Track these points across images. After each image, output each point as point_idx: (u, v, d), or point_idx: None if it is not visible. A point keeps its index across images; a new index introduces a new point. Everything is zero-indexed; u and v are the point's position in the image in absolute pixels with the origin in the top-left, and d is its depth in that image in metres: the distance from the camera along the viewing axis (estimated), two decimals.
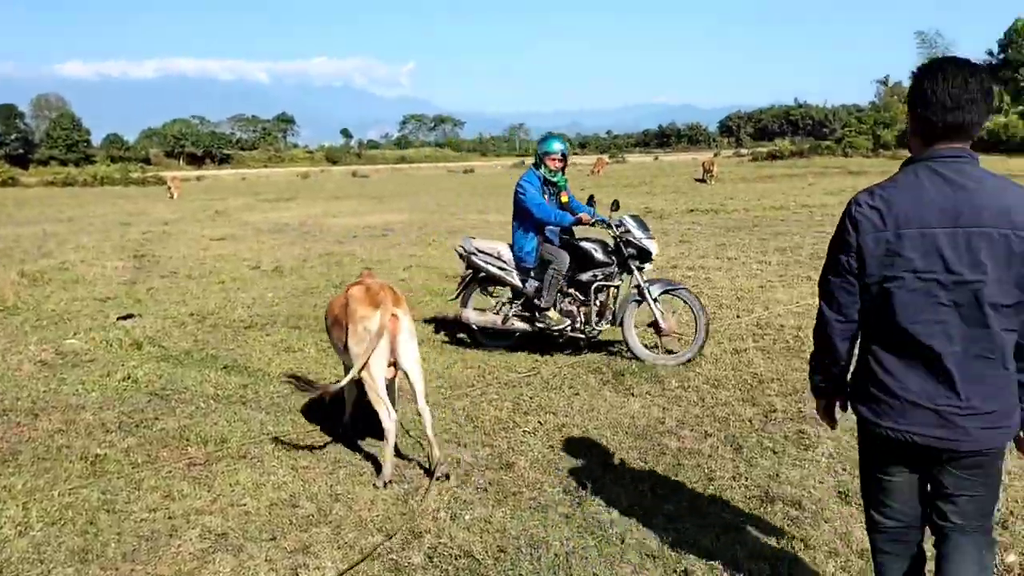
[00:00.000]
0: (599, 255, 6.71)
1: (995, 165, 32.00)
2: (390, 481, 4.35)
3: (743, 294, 9.11)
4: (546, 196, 6.79)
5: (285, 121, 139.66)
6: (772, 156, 54.09)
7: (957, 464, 2.34)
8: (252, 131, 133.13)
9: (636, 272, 6.60)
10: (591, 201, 7.06)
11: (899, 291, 2.29)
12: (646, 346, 6.63)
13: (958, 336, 2.25)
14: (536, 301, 6.77)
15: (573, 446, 4.81)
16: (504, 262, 6.95)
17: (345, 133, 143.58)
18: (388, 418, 4.40)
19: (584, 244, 6.77)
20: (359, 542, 3.73)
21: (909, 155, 2.42)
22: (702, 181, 32.51)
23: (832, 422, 2.75)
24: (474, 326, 7.14)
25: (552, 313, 6.77)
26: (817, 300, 2.57)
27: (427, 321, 8.16)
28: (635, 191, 28.70)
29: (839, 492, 4.04)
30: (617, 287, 6.84)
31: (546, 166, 6.84)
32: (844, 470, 4.28)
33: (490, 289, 7.34)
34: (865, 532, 2.76)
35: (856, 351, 2.52)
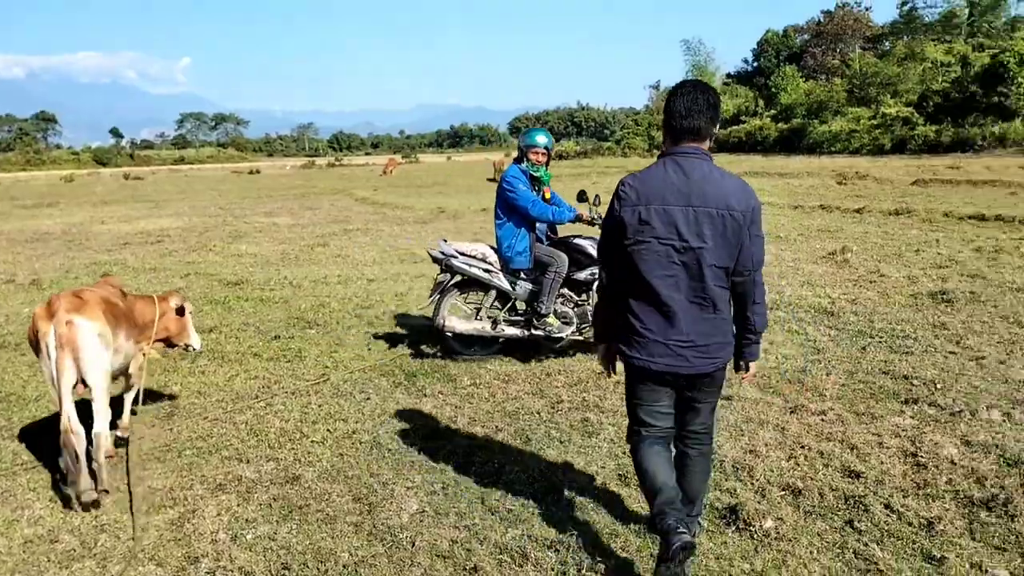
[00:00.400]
0: (594, 251, 6.29)
1: (752, 162, 35.27)
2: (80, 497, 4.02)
3: None
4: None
5: (45, 120, 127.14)
6: (559, 156, 56.43)
7: (689, 385, 3.12)
8: (6, 131, 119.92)
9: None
10: (583, 196, 6.58)
11: (646, 252, 2.96)
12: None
13: (684, 288, 2.97)
14: (536, 307, 6.34)
15: (363, 453, 4.70)
16: (490, 264, 6.43)
17: (115, 133, 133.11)
18: (75, 441, 4.00)
19: (578, 241, 6.47)
20: (128, 574, 3.41)
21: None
22: (494, 180, 33.22)
23: (610, 369, 3.39)
24: (455, 334, 6.50)
25: (552, 319, 6.38)
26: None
27: (209, 331, 7.68)
28: (428, 191, 28.82)
29: (619, 475, 4.23)
30: None
31: (528, 160, 6.37)
32: (623, 453, 4.49)
33: (461, 295, 6.68)
34: (645, 509, 3.26)
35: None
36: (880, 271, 9.47)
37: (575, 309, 6.50)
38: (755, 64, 75.32)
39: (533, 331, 6.43)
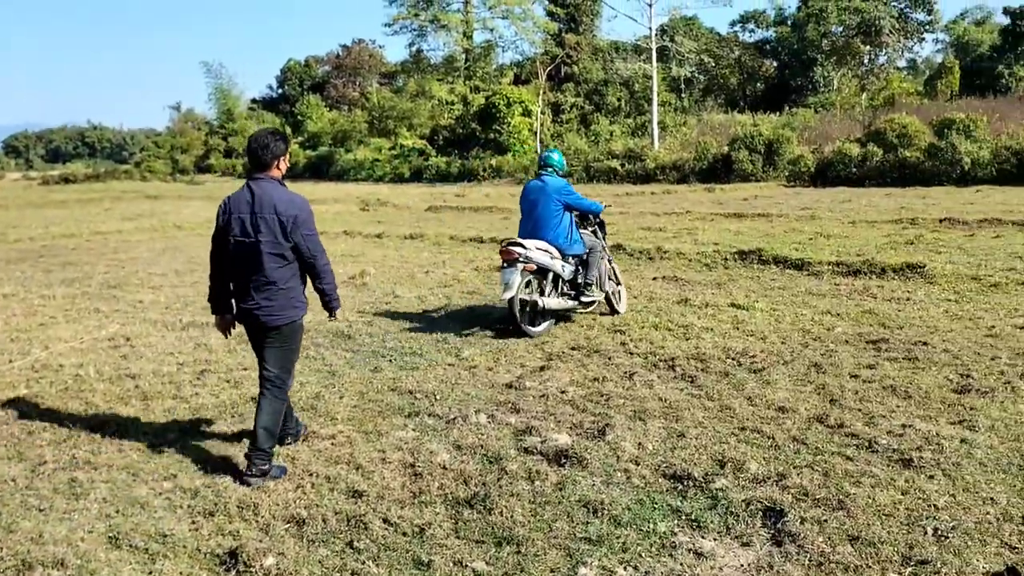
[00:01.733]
0: (590, 239, 8.43)
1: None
2: None
3: (19, 334, 8.10)
4: None
5: None
6: (65, 180, 50.38)
7: (263, 337, 4.57)
8: None
9: (603, 239, 8.76)
10: None
11: (233, 244, 4.44)
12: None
13: (251, 267, 4.42)
14: (586, 279, 8.07)
15: None
16: (553, 255, 7.87)
17: None
18: None
19: (594, 228, 8.70)
20: None
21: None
22: None
23: (226, 332, 4.80)
24: (543, 310, 7.78)
25: (595, 288, 8.15)
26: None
27: None
28: None
29: (110, 538, 3.79)
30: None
31: (560, 174, 8.21)
32: (118, 512, 4.06)
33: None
34: None
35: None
36: (395, 292, 10.14)
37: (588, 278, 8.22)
38: (280, 91, 75.99)
39: (582, 299, 8.10)
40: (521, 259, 7.52)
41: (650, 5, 38.50)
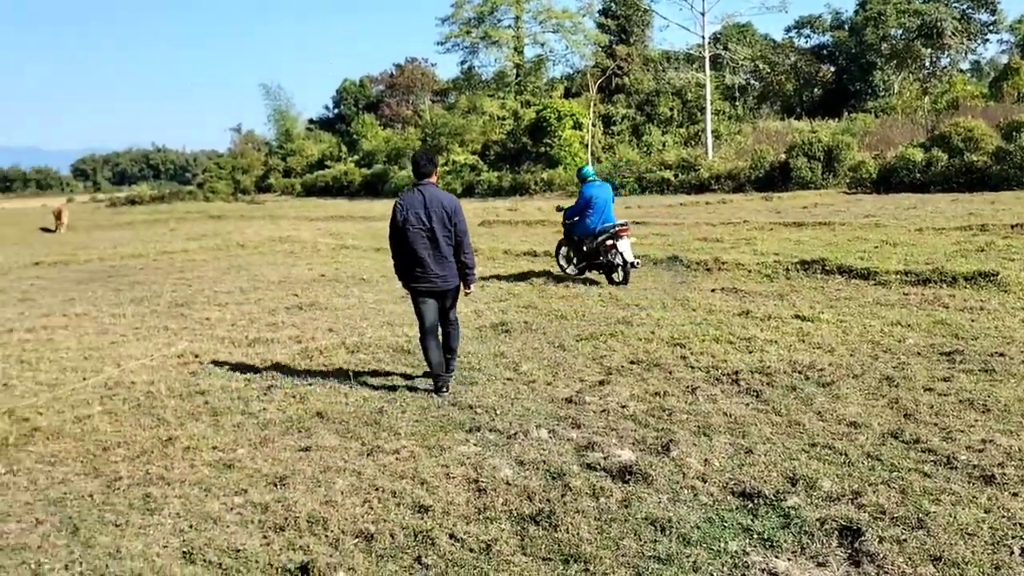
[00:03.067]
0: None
1: (338, 206, 35.98)
2: None
3: (92, 352, 8.36)
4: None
5: None
6: (132, 201, 52.02)
7: (444, 297, 6.46)
8: None
9: None
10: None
11: (411, 232, 6.19)
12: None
13: (432, 249, 6.23)
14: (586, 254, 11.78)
15: None
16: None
17: None
18: None
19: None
20: None
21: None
22: (49, 230, 29.41)
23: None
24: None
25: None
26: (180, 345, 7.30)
27: None
28: None
29: (184, 553, 3.87)
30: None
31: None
32: (191, 527, 4.14)
33: None
34: None
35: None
36: None
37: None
38: (336, 111, 77.42)
39: (587, 271, 12.01)
40: (629, 234, 11.41)
41: (703, 14, 38.22)
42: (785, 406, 5.72)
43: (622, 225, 11.30)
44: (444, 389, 6.33)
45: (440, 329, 6.56)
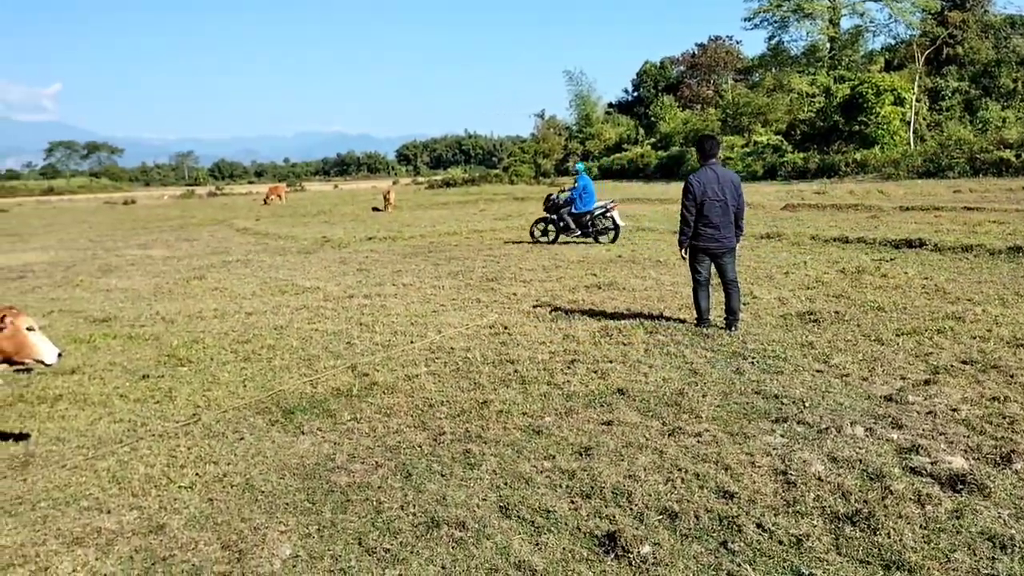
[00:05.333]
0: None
1: (633, 189, 36.30)
2: None
3: (417, 319, 9.27)
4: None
5: None
6: (446, 184, 56.47)
7: (724, 255, 7.86)
8: None
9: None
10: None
11: (707, 203, 7.67)
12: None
13: (723, 216, 7.71)
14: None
15: (235, 497, 4.47)
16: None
17: None
18: None
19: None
20: None
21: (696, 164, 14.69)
22: (379, 210, 32.94)
23: (684, 257, 8.06)
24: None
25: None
26: (491, 317, 8.44)
27: (72, 372, 7.19)
28: (313, 220, 28.24)
29: (500, 507, 4.17)
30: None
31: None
32: (506, 484, 4.45)
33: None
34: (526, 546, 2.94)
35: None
36: (753, 293, 9.84)
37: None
38: (635, 94, 77.82)
39: (577, 237, 16.49)
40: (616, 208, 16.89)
41: None
42: None
43: (613, 203, 16.88)
44: (736, 327, 7.91)
45: (723, 291, 7.94)
